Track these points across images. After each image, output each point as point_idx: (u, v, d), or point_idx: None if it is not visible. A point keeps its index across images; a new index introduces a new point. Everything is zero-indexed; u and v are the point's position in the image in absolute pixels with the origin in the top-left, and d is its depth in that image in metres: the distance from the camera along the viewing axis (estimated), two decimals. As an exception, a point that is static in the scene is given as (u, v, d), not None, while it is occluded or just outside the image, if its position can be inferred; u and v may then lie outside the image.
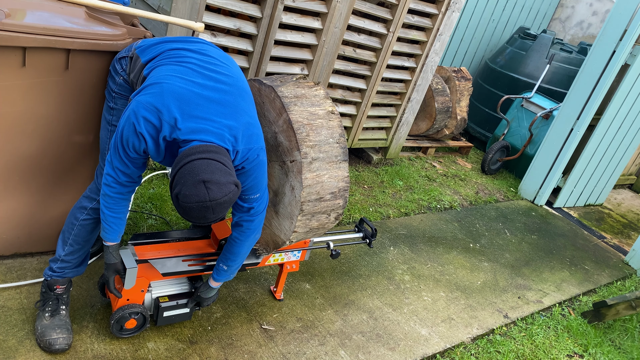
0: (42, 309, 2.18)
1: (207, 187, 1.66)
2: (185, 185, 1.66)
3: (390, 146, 4.92)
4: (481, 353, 2.97)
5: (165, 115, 1.74)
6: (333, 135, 2.25)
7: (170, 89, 1.77)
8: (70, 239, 2.14)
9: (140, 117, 1.75)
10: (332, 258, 2.76)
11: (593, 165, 5.48)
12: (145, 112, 1.74)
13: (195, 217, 1.69)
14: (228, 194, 1.69)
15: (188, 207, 1.67)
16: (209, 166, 1.68)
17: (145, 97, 1.77)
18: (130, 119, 1.77)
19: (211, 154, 1.71)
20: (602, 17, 7.23)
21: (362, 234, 2.94)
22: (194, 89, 1.80)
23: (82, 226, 2.13)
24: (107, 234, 2.01)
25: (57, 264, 2.16)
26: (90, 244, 2.21)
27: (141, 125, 1.75)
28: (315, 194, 2.18)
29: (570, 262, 4.37)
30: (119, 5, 2.24)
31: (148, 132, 1.76)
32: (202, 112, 1.78)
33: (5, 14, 1.89)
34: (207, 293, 2.30)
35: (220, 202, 1.68)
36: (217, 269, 2.23)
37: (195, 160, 1.68)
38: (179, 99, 1.76)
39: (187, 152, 1.71)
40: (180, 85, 1.79)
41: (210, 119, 1.79)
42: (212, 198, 1.66)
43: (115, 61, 2.11)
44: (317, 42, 3.69)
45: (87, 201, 2.13)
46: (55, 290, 2.17)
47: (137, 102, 1.77)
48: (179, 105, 1.76)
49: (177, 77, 1.81)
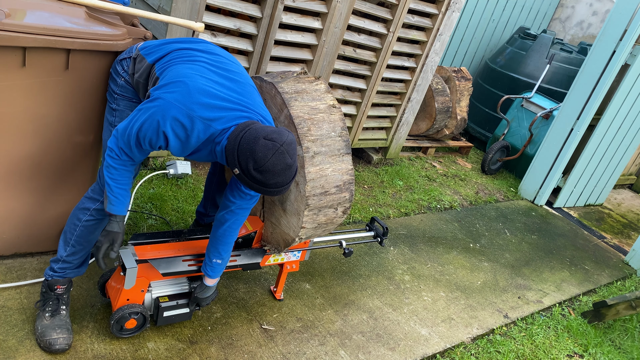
0: (43, 309, 2.18)
1: (270, 139, 1.77)
2: (252, 152, 1.76)
3: (390, 146, 4.92)
4: (481, 353, 2.97)
5: (196, 112, 1.81)
6: (335, 129, 2.25)
7: (196, 87, 1.84)
8: (73, 240, 2.15)
9: (169, 117, 1.80)
10: (344, 256, 2.79)
11: (593, 165, 5.48)
12: (176, 112, 1.80)
13: (279, 172, 1.79)
14: (289, 135, 1.82)
15: (269, 165, 1.76)
16: (259, 129, 1.81)
17: (173, 96, 1.81)
18: (154, 116, 1.80)
19: (254, 124, 1.85)
20: (602, 17, 7.23)
21: (373, 233, 2.96)
22: (215, 85, 1.90)
23: (85, 227, 2.14)
24: (114, 206, 2.00)
25: (58, 264, 2.17)
26: (92, 244, 2.21)
27: (167, 125, 1.80)
28: (319, 188, 2.19)
29: (570, 262, 4.37)
30: (119, 5, 2.24)
31: (174, 131, 1.82)
32: (229, 103, 1.89)
33: (5, 14, 1.89)
34: (205, 292, 2.30)
35: (289, 142, 1.80)
36: (211, 266, 2.23)
37: (246, 133, 1.80)
38: (206, 94, 1.85)
39: (234, 133, 1.82)
40: (203, 82, 1.87)
41: (238, 107, 1.90)
42: (281, 141, 1.78)
43: (117, 63, 2.11)
44: (317, 42, 3.69)
45: (90, 202, 2.13)
46: (55, 290, 2.17)
47: (166, 102, 1.81)
48: (208, 102, 1.84)
49: (197, 76, 1.88)
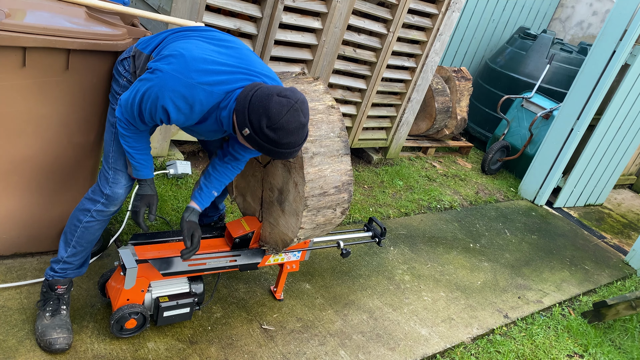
0: (43, 308, 2.18)
1: (284, 95, 1.73)
2: (266, 108, 1.71)
3: (390, 146, 4.92)
4: (481, 353, 2.97)
5: (196, 79, 1.77)
6: (334, 130, 2.25)
7: (192, 55, 1.80)
8: (73, 241, 2.15)
9: (167, 90, 1.77)
10: (342, 257, 2.78)
11: (593, 165, 5.48)
12: (175, 83, 1.76)
13: (293, 130, 1.74)
14: (302, 94, 1.78)
15: (284, 122, 1.71)
16: (270, 87, 1.76)
17: (170, 67, 1.78)
18: (153, 90, 1.79)
19: (262, 84, 1.79)
20: (602, 17, 7.23)
21: (371, 233, 2.96)
22: (212, 53, 1.86)
23: (85, 228, 2.14)
24: (140, 171, 2.05)
25: (59, 264, 2.17)
26: (92, 244, 2.21)
27: (166, 99, 1.78)
28: (318, 189, 2.19)
29: (570, 262, 4.37)
30: (119, 5, 2.24)
31: (175, 104, 1.79)
32: (230, 67, 1.85)
33: (5, 14, 1.89)
34: (190, 214, 2.22)
35: (303, 100, 1.76)
36: (207, 194, 2.21)
37: (257, 92, 1.75)
38: (204, 61, 1.80)
39: (242, 94, 1.77)
40: (200, 52, 1.83)
41: (239, 70, 1.86)
42: (295, 99, 1.74)
43: (118, 64, 2.11)
44: (317, 42, 3.69)
45: (90, 203, 2.13)
46: (56, 290, 2.17)
47: (164, 73, 1.78)
48: (207, 67, 1.80)
49: (194, 47, 1.85)
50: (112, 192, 2.10)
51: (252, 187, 2.55)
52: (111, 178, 2.11)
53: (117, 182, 2.11)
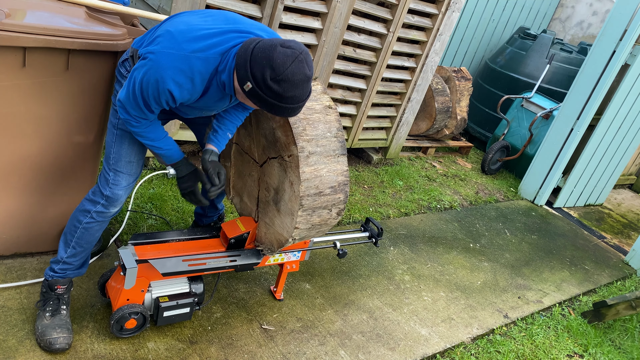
0: (43, 308, 2.18)
1: (288, 46, 1.66)
2: (270, 59, 1.64)
3: (390, 146, 4.92)
4: (481, 353, 2.97)
5: (188, 49, 1.73)
6: (330, 130, 2.25)
7: (179, 30, 1.76)
8: (73, 241, 2.15)
9: (166, 69, 1.72)
10: (339, 257, 2.77)
11: (593, 165, 5.48)
12: (170, 60, 1.72)
13: (298, 82, 1.67)
14: (304, 46, 1.72)
15: (289, 73, 1.65)
16: (272, 39, 1.70)
17: (160, 46, 1.75)
18: (151, 74, 1.75)
19: (260, 38, 1.74)
20: (602, 17, 7.23)
21: (368, 234, 2.95)
22: (200, 22, 1.82)
23: (85, 229, 2.14)
24: (171, 157, 2.05)
25: (58, 265, 2.17)
26: (92, 245, 2.21)
27: (167, 80, 1.73)
28: (314, 188, 2.18)
29: (570, 262, 4.37)
30: (119, 5, 2.25)
31: (176, 82, 1.74)
32: (222, 29, 1.80)
33: (5, 14, 1.89)
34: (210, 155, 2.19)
35: (307, 52, 1.69)
36: (223, 135, 2.19)
37: (258, 44, 1.69)
38: (193, 30, 1.76)
39: (242, 49, 1.71)
40: (186, 25, 1.79)
41: (232, 30, 1.81)
42: (300, 49, 1.67)
43: (120, 65, 2.11)
44: (317, 42, 3.69)
45: (90, 204, 2.13)
46: (56, 290, 2.17)
47: (156, 54, 1.74)
48: (197, 34, 1.76)
49: (178, 22, 1.83)
50: (112, 193, 2.10)
51: (248, 187, 2.55)
52: (111, 179, 2.10)
53: (118, 183, 2.10)
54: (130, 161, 2.11)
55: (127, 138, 2.07)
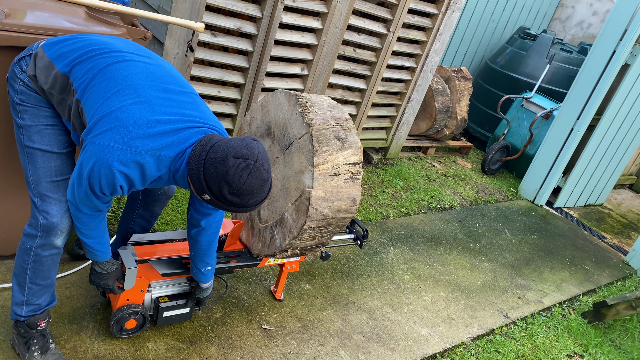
0: (27, 349, 1.97)
1: (241, 156, 1.57)
2: (225, 175, 1.56)
3: (390, 146, 4.92)
4: (481, 353, 2.97)
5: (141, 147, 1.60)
6: None
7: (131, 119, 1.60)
8: (27, 284, 1.92)
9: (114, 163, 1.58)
10: (322, 260, 2.75)
11: (593, 165, 5.48)
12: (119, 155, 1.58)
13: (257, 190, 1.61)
14: (257, 145, 1.63)
15: (247, 186, 1.57)
16: (223, 146, 1.59)
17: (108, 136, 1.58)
18: (99, 168, 1.59)
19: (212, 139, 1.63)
20: (602, 17, 7.23)
21: (353, 235, 2.93)
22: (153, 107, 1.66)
23: (33, 268, 1.90)
24: (97, 257, 1.90)
25: (23, 308, 1.95)
26: (48, 277, 1.95)
27: (115, 175, 1.60)
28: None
29: (570, 262, 4.37)
30: (119, 5, 2.24)
31: (126, 175, 1.62)
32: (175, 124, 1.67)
33: (5, 14, 1.89)
34: (204, 293, 2.31)
35: (261, 154, 1.62)
36: (202, 274, 2.17)
37: (209, 154, 1.59)
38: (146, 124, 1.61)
39: (193, 156, 1.61)
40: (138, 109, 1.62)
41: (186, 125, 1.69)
42: (254, 157, 1.59)
43: (14, 64, 1.80)
44: (317, 42, 3.69)
45: (30, 240, 1.86)
46: (38, 327, 1.99)
47: (104, 147, 1.57)
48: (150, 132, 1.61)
49: (130, 103, 1.63)
50: (47, 221, 1.81)
51: None
52: (39, 206, 1.82)
53: (48, 209, 1.81)
54: (54, 181, 1.82)
55: (39, 155, 1.80)
